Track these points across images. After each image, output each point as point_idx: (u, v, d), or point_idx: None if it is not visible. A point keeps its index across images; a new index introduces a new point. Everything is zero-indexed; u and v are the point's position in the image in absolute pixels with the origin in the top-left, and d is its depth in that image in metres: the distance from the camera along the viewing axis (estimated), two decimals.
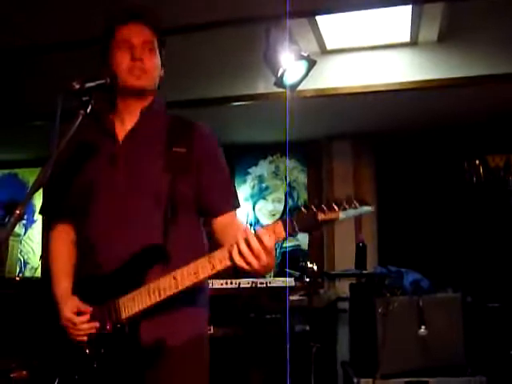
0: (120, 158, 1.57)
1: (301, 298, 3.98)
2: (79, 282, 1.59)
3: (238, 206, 1.67)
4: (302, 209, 1.32)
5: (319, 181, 4.84)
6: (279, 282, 3.35)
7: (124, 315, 1.46)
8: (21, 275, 5.55)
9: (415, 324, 3.44)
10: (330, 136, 4.66)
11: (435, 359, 3.48)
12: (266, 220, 5.04)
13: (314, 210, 1.30)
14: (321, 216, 1.30)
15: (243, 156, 5.11)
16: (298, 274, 4.15)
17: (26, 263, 5.60)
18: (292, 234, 1.32)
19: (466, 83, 3.29)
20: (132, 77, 1.55)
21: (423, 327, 3.42)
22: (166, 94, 1.67)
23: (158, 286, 1.42)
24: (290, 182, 4.96)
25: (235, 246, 1.34)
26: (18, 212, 1.24)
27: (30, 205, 3.75)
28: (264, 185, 5.06)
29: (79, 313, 1.51)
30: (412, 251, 4.34)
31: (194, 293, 1.49)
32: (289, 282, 3.31)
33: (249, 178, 5.12)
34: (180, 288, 1.40)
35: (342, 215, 1.31)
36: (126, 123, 1.61)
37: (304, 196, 4.93)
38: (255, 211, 5.08)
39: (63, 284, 1.60)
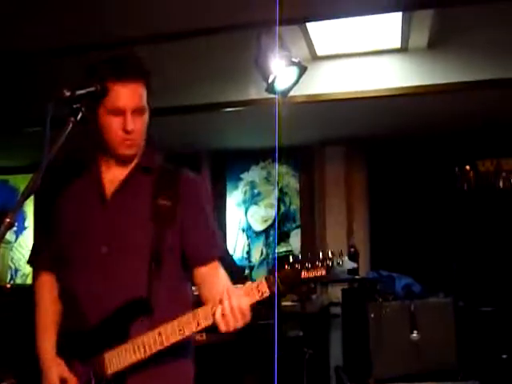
0: (106, 209, 1.55)
1: (294, 303, 3.98)
2: (64, 334, 1.57)
3: (221, 255, 1.66)
4: (286, 266, 1.33)
5: (311, 186, 4.85)
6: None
7: (109, 371, 1.44)
8: (12, 282, 5.51)
9: (407, 329, 3.45)
10: (322, 142, 4.68)
11: (428, 364, 3.48)
12: (258, 226, 5.04)
13: (298, 267, 1.33)
14: (304, 274, 1.33)
15: (235, 162, 5.12)
16: None
17: (16, 270, 5.56)
18: (275, 290, 1.34)
19: (456, 89, 3.31)
20: (123, 146, 1.53)
21: (415, 332, 3.43)
22: (158, 100, 1.66)
23: (143, 341, 1.41)
24: (282, 188, 4.97)
25: (219, 308, 1.37)
26: (8, 220, 1.23)
27: (21, 212, 3.72)
28: (256, 190, 5.07)
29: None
30: (404, 256, 4.35)
31: (180, 345, 1.46)
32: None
33: (241, 184, 5.12)
34: (165, 345, 1.40)
35: (325, 273, 1.33)
36: (115, 174, 1.59)
37: (296, 202, 4.93)
38: (247, 217, 5.08)
39: (46, 344, 1.56)
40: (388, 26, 3.19)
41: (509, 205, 3.93)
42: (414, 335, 3.42)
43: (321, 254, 1.36)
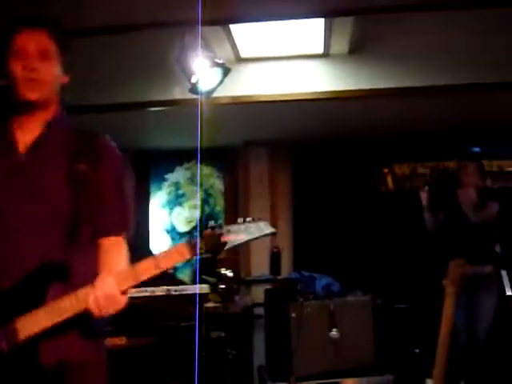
0: (20, 171, 1.49)
1: (216, 304, 3.97)
2: None
3: (127, 231, 1.62)
4: (208, 230, 1.37)
5: (235, 187, 4.87)
6: (194, 289, 3.33)
7: (22, 335, 1.39)
8: None
9: (327, 327, 3.54)
10: (246, 143, 4.71)
11: (347, 360, 3.58)
12: (182, 227, 4.99)
13: (219, 232, 1.37)
14: (225, 239, 1.37)
15: (159, 162, 5.05)
16: (214, 280, 4.14)
17: None
18: (197, 255, 1.36)
19: (376, 95, 3.43)
20: (25, 89, 1.48)
21: (335, 330, 3.52)
22: (80, 98, 1.61)
23: (59, 305, 1.38)
24: (206, 189, 4.96)
25: (92, 292, 1.37)
26: None
27: None
28: (180, 191, 5.02)
29: None
30: (325, 256, 4.46)
31: (94, 320, 1.43)
32: (203, 288, 3.29)
33: (165, 185, 5.05)
34: (81, 308, 1.38)
35: (245, 237, 1.39)
36: (27, 135, 1.53)
37: (220, 203, 4.94)
38: (171, 218, 5.02)
39: None
40: (311, 32, 3.26)
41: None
42: (334, 333, 3.51)
43: (240, 219, 1.42)
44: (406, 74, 3.40)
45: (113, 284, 1.38)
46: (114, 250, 1.57)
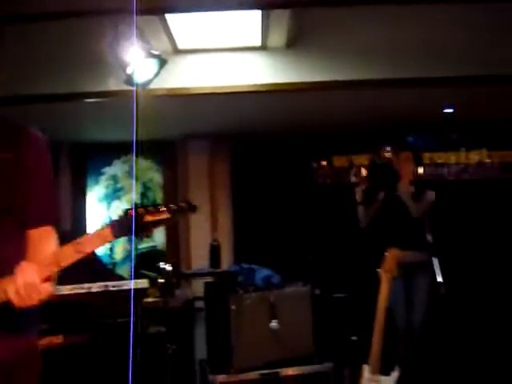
0: None
1: (156, 299, 3.92)
2: None
3: (55, 221, 1.59)
4: (130, 212, 1.36)
5: (175, 181, 4.81)
6: (132, 284, 3.27)
7: None
8: None
9: (267, 318, 3.56)
10: (185, 136, 4.66)
11: (287, 351, 3.62)
12: None
13: (142, 212, 1.36)
14: (148, 218, 1.36)
15: (96, 155, 4.92)
16: (154, 275, 4.08)
17: None
18: (120, 236, 1.34)
19: (313, 88, 3.47)
20: None
21: (275, 321, 3.55)
22: (14, 88, 1.54)
23: None
24: (145, 182, 4.88)
25: (12, 283, 1.33)
26: None
27: None
28: (118, 185, 4.92)
29: None
30: (266, 248, 4.49)
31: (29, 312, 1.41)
32: (141, 283, 3.24)
33: (102, 179, 4.93)
34: (1, 299, 1.34)
35: (168, 216, 1.40)
36: None
37: (159, 196, 4.87)
38: (110, 212, 4.91)
39: None
40: (248, 24, 3.25)
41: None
42: (274, 324, 3.54)
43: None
44: (343, 68, 3.46)
45: (33, 272, 1.34)
46: (42, 241, 1.52)
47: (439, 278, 3.35)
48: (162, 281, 3.49)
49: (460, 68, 3.43)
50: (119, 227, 1.35)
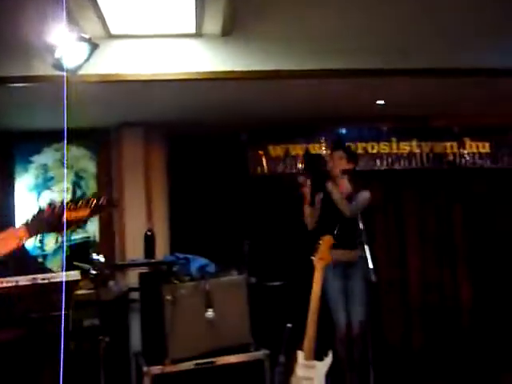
0: None
1: (89, 291, 3.83)
2: None
3: None
4: (47, 209, 1.31)
5: (109, 170, 4.69)
6: (63, 276, 3.17)
7: None
8: None
9: (203, 308, 3.56)
10: (120, 123, 4.54)
11: (223, 340, 3.63)
12: None
13: (58, 210, 1.35)
14: (66, 215, 1.34)
15: (24, 143, 4.71)
16: (87, 266, 3.98)
17: None
18: (35, 234, 1.30)
19: (249, 77, 3.46)
20: None
21: (210, 310, 3.55)
22: None
23: None
24: (77, 172, 4.73)
25: None
26: None
27: None
28: (49, 174, 4.73)
29: None
30: (202, 238, 4.47)
31: None
32: (73, 275, 3.14)
33: (32, 167, 4.73)
34: None
35: (88, 213, 1.37)
36: None
37: (93, 185, 4.74)
38: (40, 202, 4.72)
39: None
40: (183, 11, 3.20)
41: (295, 188, 4.26)
42: (209, 313, 3.54)
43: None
44: (278, 57, 3.47)
45: None
46: None
47: (370, 265, 3.44)
48: (95, 272, 3.40)
49: (390, 61, 3.53)
50: (34, 226, 1.30)
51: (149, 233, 3.77)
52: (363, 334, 3.93)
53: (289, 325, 3.38)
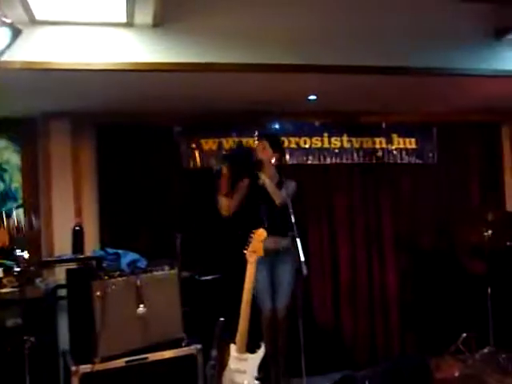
0: None
1: (13, 289, 3.68)
2: None
3: None
4: None
5: (35, 162, 4.49)
6: None
7: None
8: None
9: (134, 304, 3.50)
10: (46, 114, 4.35)
11: (155, 335, 3.60)
12: None
13: None
14: None
15: None
16: (10, 263, 3.82)
17: None
18: None
19: (179, 69, 3.41)
20: None
21: (141, 306, 3.50)
22: None
23: None
24: (1, 164, 4.49)
25: None
26: None
27: None
28: None
29: None
30: (133, 232, 4.39)
31: None
32: None
33: None
34: None
35: None
36: None
37: (18, 179, 4.52)
38: None
39: None
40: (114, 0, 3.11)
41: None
42: (141, 309, 3.49)
43: None
44: (210, 50, 3.43)
45: None
46: None
47: (302, 258, 3.50)
48: (18, 269, 3.26)
49: (323, 57, 3.59)
50: None
51: (77, 228, 3.65)
52: (292, 319, 4.01)
53: (221, 319, 3.39)
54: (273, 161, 4.22)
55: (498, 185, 5.51)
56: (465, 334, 4.67)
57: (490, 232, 4.50)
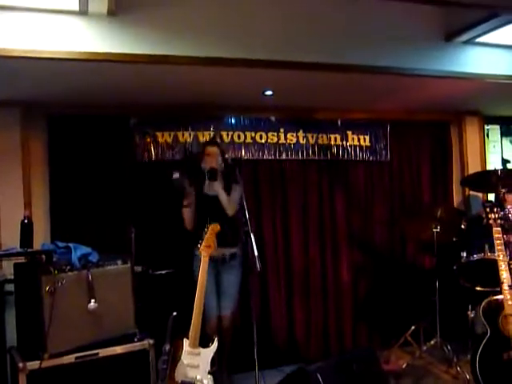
0: None
1: None
2: None
3: None
4: None
5: None
6: None
7: None
8: None
9: (85, 299, 3.44)
10: None
11: (107, 331, 3.56)
12: None
13: None
14: None
15: None
16: None
17: None
18: None
19: (134, 60, 3.34)
20: None
21: (93, 301, 3.44)
22: None
23: None
24: None
25: None
26: None
27: None
28: None
29: None
30: (85, 226, 4.30)
31: None
32: None
33: None
34: None
35: None
36: None
37: None
38: None
39: None
40: None
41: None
42: (92, 304, 3.44)
43: None
44: (165, 42, 3.38)
45: None
46: None
47: (256, 254, 3.52)
48: None
49: (278, 52, 3.60)
50: None
51: (26, 220, 3.54)
52: (247, 316, 4.04)
53: (174, 313, 3.38)
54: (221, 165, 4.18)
55: (447, 181, 5.69)
56: (413, 327, 4.81)
57: (438, 228, 4.63)
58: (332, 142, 5.19)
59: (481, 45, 4.12)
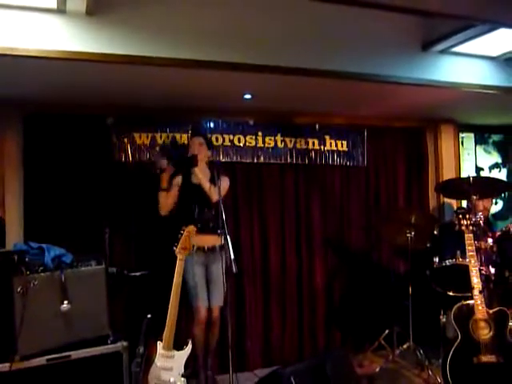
0: None
1: None
2: None
3: None
4: None
5: None
6: None
7: None
8: None
9: (58, 300, 3.40)
10: None
11: (80, 333, 3.51)
12: None
13: None
14: None
15: None
16: None
17: None
18: None
19: (112, 60, 3.32)
20: None
21: (66, 302, 3.41)
22: None
23: None
24: None
25: None
26: None
27: None
28: None
29: None
30: (59, 227, 4.24)
31: None
32: None
33: None
34: None
35: None
36: None
37: None
38: None
39: None
40: None
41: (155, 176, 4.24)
42: (64, 306, 3.40)
43: None
44: (143, 43, 3.36)
45: None
46: None
47: (232, 256, 3.53)
48: None
49: (258, 56, 3.62)
50: None
51: None
52: (223, 318, 4.04)
53: (148, 315, 3.35)
54: (208, 157, 4.28)
55: (423, 187, 5.77)
56: (387, 331, 4.86)
57: (412, 233, 4.69)
58: (310, 147, 5.22)
59: (457, 54, 4.20)
